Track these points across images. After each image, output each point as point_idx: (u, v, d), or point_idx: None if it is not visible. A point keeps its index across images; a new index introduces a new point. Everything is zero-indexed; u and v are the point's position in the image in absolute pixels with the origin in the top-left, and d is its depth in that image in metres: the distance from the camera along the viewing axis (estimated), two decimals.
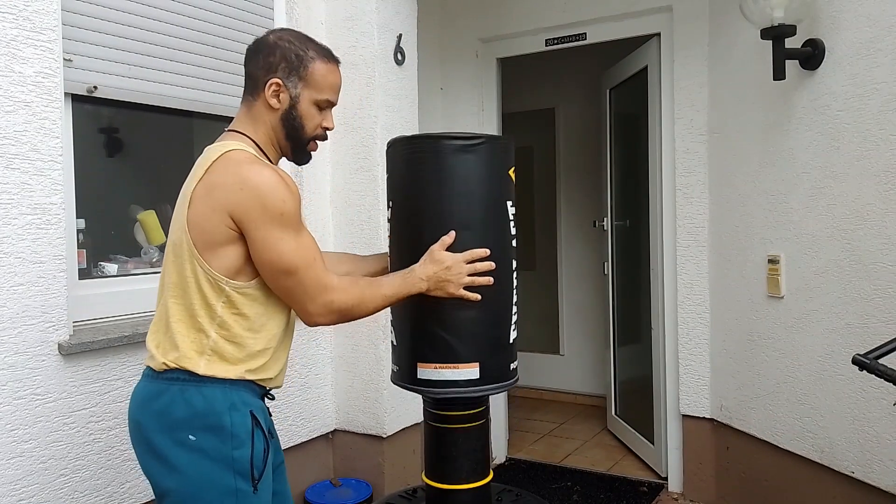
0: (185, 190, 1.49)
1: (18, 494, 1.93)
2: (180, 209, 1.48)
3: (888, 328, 2.26)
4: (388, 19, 2.93)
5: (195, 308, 1.46)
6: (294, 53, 1.54)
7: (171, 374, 1.46)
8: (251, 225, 1.42)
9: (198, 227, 1.44)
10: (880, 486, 2.33)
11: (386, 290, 1.59)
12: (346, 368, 2.98)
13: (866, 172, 2.34)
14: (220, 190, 1.42)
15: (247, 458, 1.45)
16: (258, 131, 1.56)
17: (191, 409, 1.44)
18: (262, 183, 1.41)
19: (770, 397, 2.85)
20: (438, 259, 1.61)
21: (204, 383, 1.45)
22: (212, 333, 1.46)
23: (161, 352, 1.48)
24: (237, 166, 1.44)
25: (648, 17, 3.45)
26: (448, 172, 1.64)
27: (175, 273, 1.48)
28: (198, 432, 1.43)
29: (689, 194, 3.33)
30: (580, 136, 5.13)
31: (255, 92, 1.56)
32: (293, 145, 1.60)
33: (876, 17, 2.29)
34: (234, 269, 1.45)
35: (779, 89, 2.70)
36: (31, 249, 1.95)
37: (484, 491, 1.78)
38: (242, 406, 1.47)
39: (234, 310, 1.47)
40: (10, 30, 1.92)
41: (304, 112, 1.56)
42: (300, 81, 1.55)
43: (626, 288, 4.11)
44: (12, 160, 1.91)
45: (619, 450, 4.13)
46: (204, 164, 1.47)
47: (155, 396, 1.47)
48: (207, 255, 1.44)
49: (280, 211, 1.42)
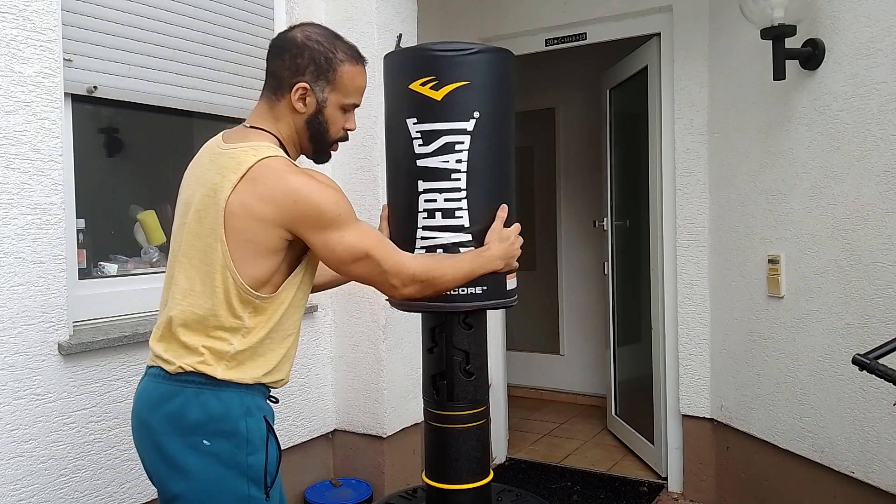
0: (213, 194, 1.41)
1: (18, 494, 1.93)
2: (211, 215, 1.41)
3: (888, 328, 2.26)
4: (388, 19, 2.93)
5: (220, 317, 1.42)
6: (323, 56, 1.50)
7: (186, 376, 1.43)
8: (313, 233, 1.42)
9: (240, 239, 1.39)
10: (880, 486, 2.33)
11: (465, 266, 1.60)
12: (346, 368, 2.98)
13: (866, 172, 2.34)
14: (269, 204, 1.38)
15: (261, 465, 1.43)
16: (281, 130, 1.52)
17: (206, 413, 1.41)
18: (313, 192, 1.40)
19: (770, 397, 2.85)
20: (506, 236, 1.66)
21: (221, 387, 1.42)
22: (234, 342, 1.43)
23: (174, 355, 1.45)
24: (282, 178, 1.39)
25: (648, 17, 3.45)
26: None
27: (199, 281, 1.43)
28: (212, 437, 1.40)
29: (690, 194, 3.33)
30: (580, 136, 5.13)
31: (280, 92, 1.51)
32: (315, 147, 1.58)
33: (876, 17, 2.29)
34: (263, 280, 1.42)
35: (779, 89, 2.70)
36: (31, 249, 1.95)
37: (484, 491, 1.77)
38: (257, 411, 1.46)
39: (260, 317, 1.44)
40: (11, 30, 1.92)
41: (329, 116, 1.54)
42: (328, 85, 1.51)
43: (626, 288, 4.11)
44: (12, 160, 1.91)
45: (619, 450, 4.13)
46: (235, 168, 1.40)
47: (167, 398, 1.43)
48: (241, 265, 1.40)
49: (337, 213, 1.43)
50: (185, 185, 1.54)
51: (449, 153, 1.66)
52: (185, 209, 1.49)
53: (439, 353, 1.75)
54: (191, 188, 1.50)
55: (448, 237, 1.67)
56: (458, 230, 1.67)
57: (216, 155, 1.47)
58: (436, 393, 1.76)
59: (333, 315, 3.00)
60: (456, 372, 1.73)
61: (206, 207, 1.43)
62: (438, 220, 1.67)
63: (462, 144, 1.65)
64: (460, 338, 1.74)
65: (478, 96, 1.66)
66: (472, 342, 1.75)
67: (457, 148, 1.65)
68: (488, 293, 1.69)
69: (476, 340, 1.76)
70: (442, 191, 1.66)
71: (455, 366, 1.73)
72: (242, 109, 2.70)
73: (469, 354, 1.74)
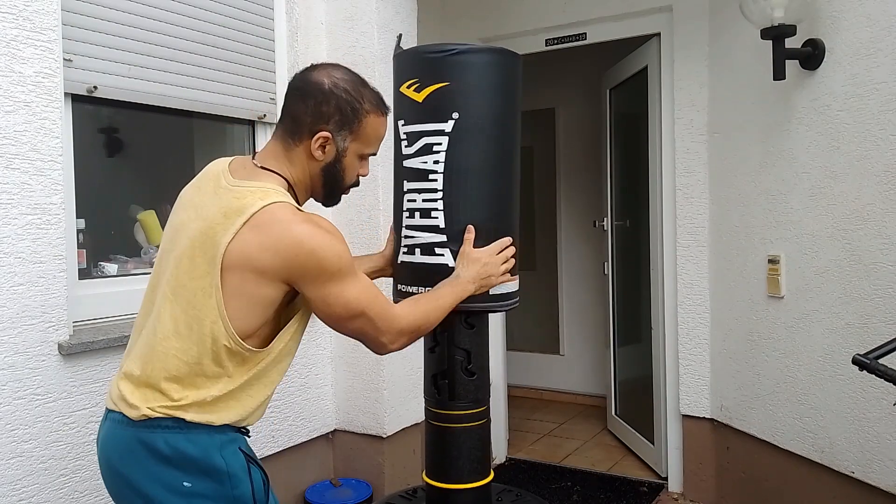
0: (213, 235, 1.34)
1: (18, 495, 1.93)
2: (207, 257, 1.34)
3: (888, 328, 2.26)
4: (388, 19, 2.93)
5: (204, 366, 1.36)
6: (350, 106, 1.44)
7: (151, 422, 1.35)
8: (311, 286, 1.37)
9: (236, 289, 1.33)
10: (880, 486, 2.32)
11: (444, 303, 1.60)
12: (346, 368, 2.98)
13: (866, 172, 2.34)
14: (270, 253, 1.32)
15: (248, 496, 1.39)
16: (294, 174, 1.46)
17: (178, 453, 1.35)
18: (317, 246, 1.34)
19: (770, 397, 2.85)
20: (475, 258, 1.65)
21: (189, 429, 1.36)
22: (214, 390, 1.37)
23: (141, 399, 1.37)
24: (286, 228, 1.33)
25: (648, 17, 3.45)
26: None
27: (184, 324, 1.36)
28: (191, 478, 1.35)
29: (690, 194, 3.33)
30: (580, 136, 5.13)
31: (299, 137, 1.44)
32: (327, 193, 1.53)
33: (876, 17, 2.29)
34: (251, 332, 1.37)
35: (779, 89, 2.70)
36: (31, 249, 1.95)
37: (484, 490, 1.78)
38: (230, 444, 1.40)
39: (245, 367, 1.39)
40: (11, 30, 1.91)
41: (347, 164, 1.49)
42: (350, 135, 1.46)
43: (626, 288, 4.11)
44: (12, 160, 1.91)
45: (619, 450, 4.13)
46: (239, 212, 1.34)
47: (136, 446, 1.36)
48: (234, 315, 1.34)
49: (338, 267, 1.37)
50: (182, 208, 1.46)
51: (427, 154, 1.67)
52: (176, 234, 1.42)
53: (441, 353, 1.75)
54: (188, 215, 1.42)
55: (426, 237, 1.68)
56: (434, 230, 1.67)
57: (222, 190, 1.40)
58: (437, 392, 1.76)
59: None
60: (457, 371, 1.74)
61: (203, 246, 1.35)
62: (417, 220, 1.69)
63: (440, 146, 1.65)
64: (462, 337, 1.74)
65: (458, 98, 1.65)
66: (473, 342, 1.75)
67: (435, 149, 1.66)
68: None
69: (477, 340, 1.76)
70: (421, 191, 1.68)
71: (456, 365, 1.73)
72: (243, 110, 2.70)
73: (470, 354, 1.74)
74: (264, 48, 2.79)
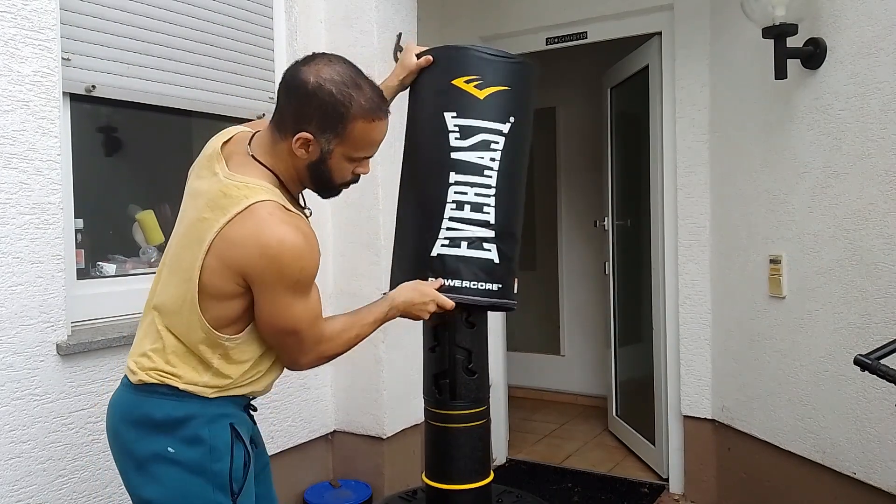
0: (202, 226, 1.38)
1: (17, 495, 1.92)
2: (194, 247, 1.38)
3: (890, 328, 2.25)
4: (387, 18, 2.92)
5: (193, 342, 1.42)
6: (333, 107, 1.37)
7: (148, 387, 1.42)
8: (263, 288, 1.36)
9: (207, 279, 1.37)
10: (882, 487, 2.32)
11: (371, 330, 1.59)
12: (346, 369, 2.97)
13: (868, 172, 2.33)
14: (237, 248, 1.34)
15: (226, 472, 1.41)
16: (279, 168, 1.44)
17: (168, 419, 1.40)
18: (283, 252, 1.33)
19: (771, 398, 2.84)
20: (422, 290, 1.65)
21: (181, 398, 1.41)
22: (205, 376, 1.43)
23: (139, 365, 1.44)
24: (258, 226, 1.33)
25: (649, 15, 3.44)
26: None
27: (177, 301, 1.43)
28: (176, 444, 1.40)
29: (691, 194, 3.32)
30: (580, 135, 5.12)
31: (283, 132, 1.41)
32: (318, 188, 1.51)
33: (878, 15, 2.28)
34: (227, 321, 1.40)
35: (780, 88, 2.69)
36: (29, 249, 1.95)
37: (484, 491, 1.77)
38: (221, 418, 1.43)
39: (230, 359, 1.43)
40: (9, 29, 1.91)
41: (334, 166, 1.44)
42: (335, 138, 1.40)
43: (627, 288, 4.10)
44: (10, 160, 1.91)
45: (619, 451, 4.12)
46: (227, 208, 1.35)
47: (133, 409, 1.43)
48: (206, 304, 1.38)
49: (296, 279, 1.36)
50: (186, 194, 1.50)
51: (485, 150, 1.71)
52: (181, 218, 1.49)
53: (442, 352, 1.75)
54: (186, 203, 1.47)
55: (474, 231, 1.69)
56: (484, 226, 1.70)
57: (217, 179, 1.41)
58: (438, 392, 1.75)
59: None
60: (458, 370, 1.73)
61: (193, 234, 1.40)
62: (467, 213, 1.69)
63: (497, 144, 1.71)
64: (463, 336, 1.74)
65: (514, 102, 1.74)
66: (474, 341, 1.75)
67: (492, 147, 1.71)
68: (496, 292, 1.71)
69: (478, 339, 1.76)
70: (474, 185, 1.70)
71: (457, 364, 1.73)
72: (242, 109, 2.69)
73: (471, 353, 1.74)
74: (263, 47, 2.79)
